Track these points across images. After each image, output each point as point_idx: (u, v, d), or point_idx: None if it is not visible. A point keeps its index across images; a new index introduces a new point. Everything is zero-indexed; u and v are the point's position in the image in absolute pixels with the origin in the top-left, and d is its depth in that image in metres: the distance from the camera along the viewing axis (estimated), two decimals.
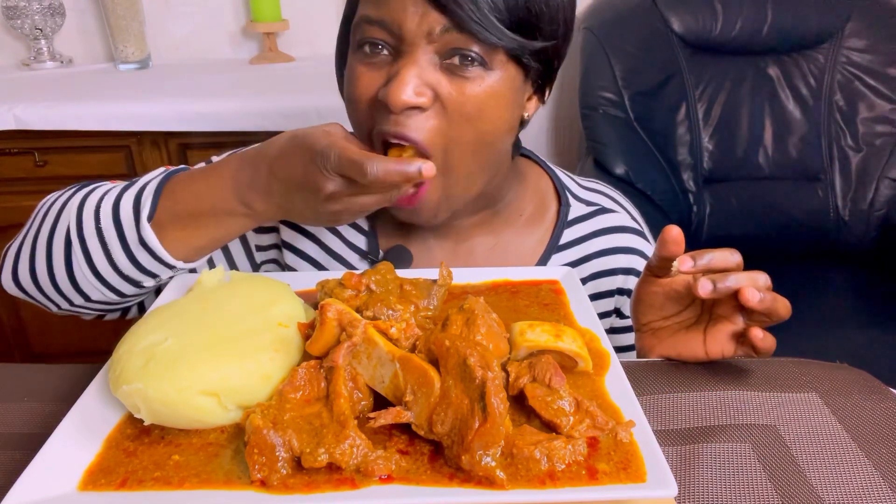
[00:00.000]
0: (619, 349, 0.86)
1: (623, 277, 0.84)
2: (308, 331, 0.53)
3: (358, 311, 0.55)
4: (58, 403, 0.58)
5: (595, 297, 0.84)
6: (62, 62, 1.98)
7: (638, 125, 1.75)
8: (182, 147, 1.64)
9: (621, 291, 0.84)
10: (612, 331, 0.87)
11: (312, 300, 0.62)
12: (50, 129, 1.57)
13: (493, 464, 0.43)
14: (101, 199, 0.68)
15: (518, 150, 0.81)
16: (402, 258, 0.80)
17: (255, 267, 0.86)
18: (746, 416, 0.58)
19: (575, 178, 0.89)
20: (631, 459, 0.45)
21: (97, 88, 1.75)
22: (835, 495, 0.50)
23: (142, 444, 0.48)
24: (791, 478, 0.52)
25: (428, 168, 0.57)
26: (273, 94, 1.66)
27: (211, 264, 0.82)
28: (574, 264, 0.82)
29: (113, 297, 0.70)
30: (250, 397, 0.49)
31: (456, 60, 0.62)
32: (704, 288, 0.58)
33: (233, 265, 0.84)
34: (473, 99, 0.63)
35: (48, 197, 0.76)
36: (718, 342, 0.63)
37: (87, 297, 0.71)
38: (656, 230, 0.93)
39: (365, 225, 0.83)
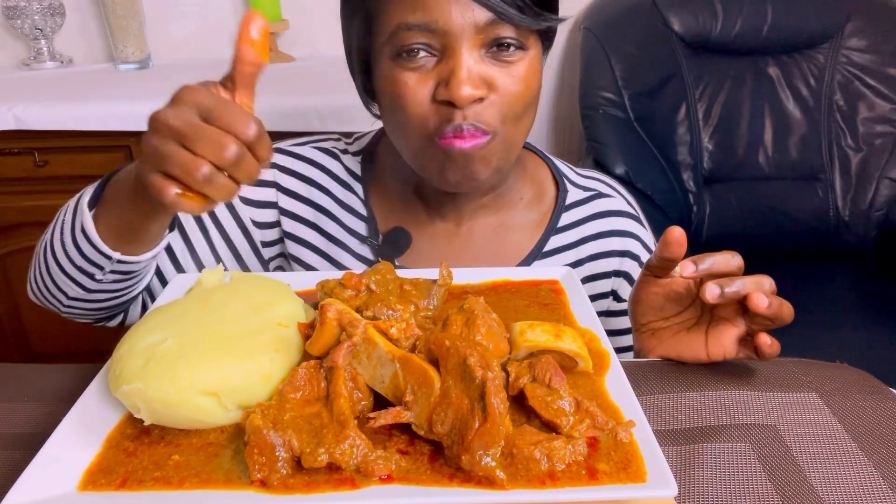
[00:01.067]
0: (615, 332, 0.88)
1: (619, 260, 0.86)
2: (308, 331, 0.53)
3: (358, 311, 0.55)
4: (58, 403, 0.58)
5: (592, 278, 0.86)
6: (62, 62, 1.98)
7: (638, 125, 1.75)
8: None
9: (618, 273, 0.86)
10: (608, 314, 0.89)
11: (312, 300, 0.62)
12: (50, 129, 1.57)
13: (493, 464, 0.43)
14: (80, 195, 0.69)
15: None
16: (401, 239, 0.82)
17: (265, 264, 0.88)
18: (746, 416, 0.58)
19: (572, 167, 0.91)
20: (631, 459, 0.45)
21: (97, 88, 1.75)
22: (835, 495, 0.50)
23: (142, 445, 0.48)
24: (791, 478, 0.52)
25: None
26: (273, 94, 1.66)
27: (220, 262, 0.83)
28: (571, 246, 0.85)
29: (80, 291, 0.71)
30: (250, 397, 0.49)
31: (497, 48, 0.67)
32: (712, 293, 0.58)
33: (243, 266, 0.86)
34: (520, 79, 0.68)
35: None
36: (720, 344, 0.63)
37: (66, 294, 0.73)
38: (656, 230, 0.94)
39: (363, 209, 0.85)
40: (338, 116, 1.53)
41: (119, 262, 0.67)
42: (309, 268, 0.85)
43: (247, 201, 0.84)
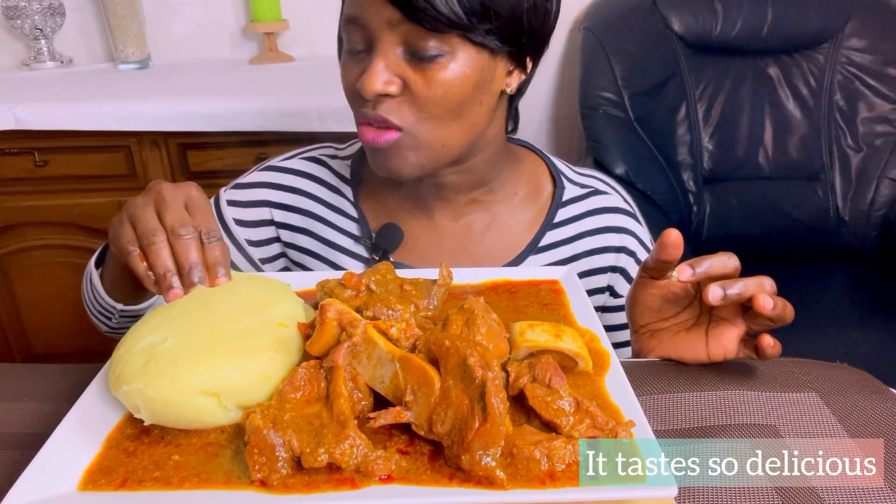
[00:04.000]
0: (611, 328, 0.89)
1: (615, 255, 0.87)
2: (308, 331, 0.53)
3: (358, 311, 0.55)
4: (58, 403, 0.58)
5: (588, 273, 0.87)
6: (62, 62, 1.98)
7: (638, 125, 1.75)
8: (182, 147, 1.64)
9: (614, 269, 0.87)
10: (604, 309, 0.90)
11: (312, 300, 0.62)
12: (50, 129, 1.57)
13: (493, 464, 0.43)
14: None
15: (516, 124, 0.84)
16: (392, 235, 0.84)
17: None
18: (746, 416, 0.58)
19: (570, 166, 0.92)
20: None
21: (97, 88, 1.75)
22: (835, 495, 0.50)
23: (141, 445, 0.48)
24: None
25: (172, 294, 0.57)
26: (273, 94, 1.66)
27: None
28: (567, 241, 0.86)
29: (104, 327, 0.82)
30: (250, 397, 0.49)
31: (417, 50, 0.67)
32: (715, 295, 0.58)
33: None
34: (438, 83, 0.68)
35: None
36: (721, 344, 0.63)
37: (97, 327, 0.84)
38: (656, 230, 0.94)
39: (353, 211, 0.86)
40: (338, 116, 1.53)
41: (121, 312, 0.76)
42: None
43: (241, 223, 0.87)
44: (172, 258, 0.57)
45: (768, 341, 0.60)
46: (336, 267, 0.86)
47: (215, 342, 0.51)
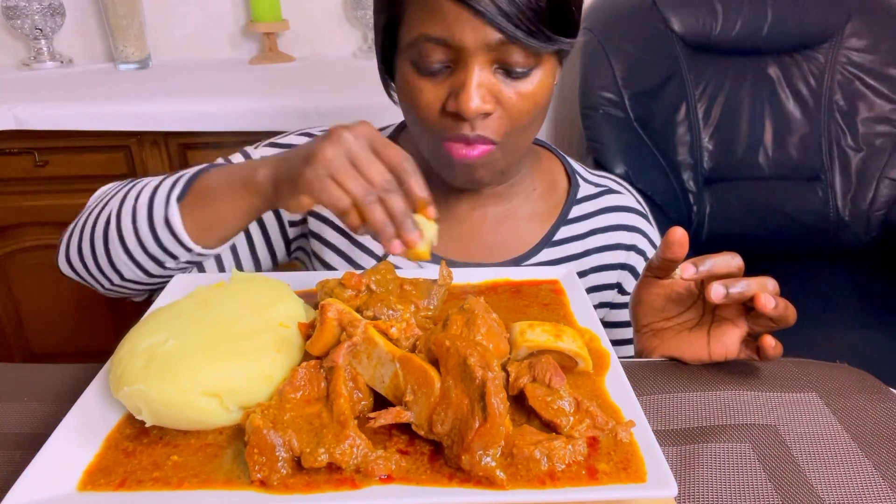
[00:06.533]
0: (617, 324, 0.90)
1: (625, 253, 0.88)
2: (308, 331, 0.53)
3: (358, 311, 0.55)
4: (58, 403, 0.58)
5: (598, 269, 0.88)
6: (62, 62, 1.98)
7: (638, 125, 1.75)
8: (182, 147, 1.64)
9: (623, 266, 0.89)
10: (611, 306, 0.91)
11: (312, 300, 0.62)
12: (50, 129, 1.57)
13: (493, 464, 0.43)
14: (145, 185, 0.74)
15: None
16: None
17: (289, 254, 0.92)
18: (746, 416, 0.58)
19: (585, 167, 0.94)
20: (631, 459, 0.45)
21: (97, 88, 1.75)
22: (835, 495, 0.50)
23: (140, 445, 0.48)
24: (791, 478, 0.52)
25: (396, 247, 0.60)
26: (273, 94, 1.66)
27: (253, 251, 0.87)
28: (580, 237, 0.87)
29: (141, 275, 0.74)
30: (252, 398, 0.49)
31: (511, 67, 0.68)
32: (717, 293, 0.58)
33: (272, 251, 0.89)
34: (528, 96, 0.70)
35: (99, 190, 0.82)
36: (722, 344, 0.63)
37: (121, 276, 0.75)
38: (657, 230, 0.94)
39: None
40: (338, 116, 1.53)
41: (198, 254, 0.72)
42: (328, 266, 0.87)
43: None
44: (385, 212, 0.59)
45: (770, 342, 0.60)
46: (356, 266, 0.86)
47: (216, 343, 0.51)
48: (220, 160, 0.85)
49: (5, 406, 0.59)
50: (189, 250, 0.71)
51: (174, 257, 0.72)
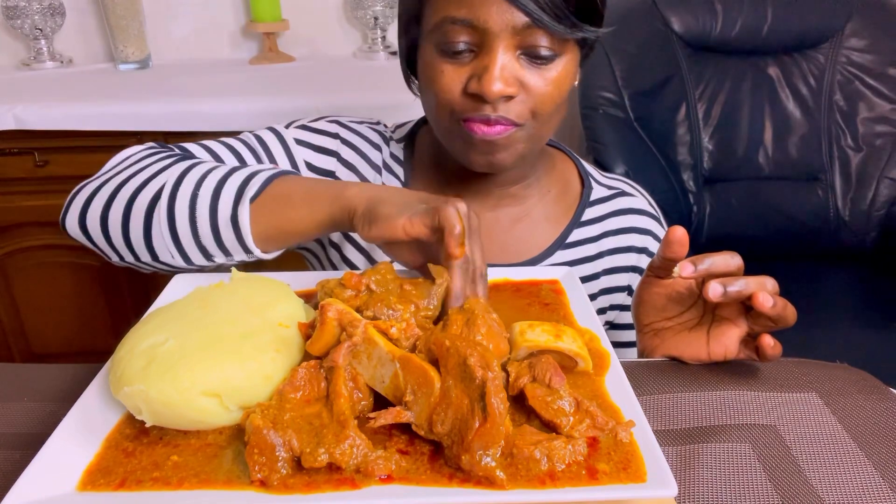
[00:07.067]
0: (626, 326, 0.91)
1: (637, 256, 0.89)
2: (308, 331, 0.53)
3: (358, 311, 0.55)
4: (58, 403, 0.58)
5: (610, 271, 0.89)
6: (62, 62, 1.98)
7: (638, 125, 1.75)
8: None
9: (634, 269, 0.89)
10: (621, 307, 0.91)
11: (312, 300, 0.62)
12: (50, 129, 1.57)
13: (493, 464, 0.43)
14: (209, 171, 0.69)
15: None
16: None
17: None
18: (746, 416, 0.58)
19: (598, 169, 0.95)
20: (631, 459, 0.45)
21: (97, 88, 1.75)
22: (835, 495, 0.50)
23: (140, 445, 0.48)
24: (791, 478, 0.52)
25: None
26: (273, 94, 1.66)
27: None
28: (593, 239, 0.88)
29: (181, 262, 0.70)
30: (252, 398, 0.49)
31: (536, 52, 0.69)
32: (715, 292, 0.58)
33: None
34: (552, 82, 0.71)
35: (129, 151, 0.77)
36: (722, 344, 0.63)
37: (155, 256, 0.70)
38: None
39: None
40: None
41: (255, 256, 0.69)
42: (344, 259, 0.86)
43: (311, 167, 0.84)
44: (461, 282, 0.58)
45: (769, 342, 0.60)
46: (371, 260, 0.85)
47: (216, 343, 0.51)
48: (248, 134, 0.83)
49: (5, 406, 0.59)
50: (248, 252, 0.68)
51: (228, 254, 0.69)
